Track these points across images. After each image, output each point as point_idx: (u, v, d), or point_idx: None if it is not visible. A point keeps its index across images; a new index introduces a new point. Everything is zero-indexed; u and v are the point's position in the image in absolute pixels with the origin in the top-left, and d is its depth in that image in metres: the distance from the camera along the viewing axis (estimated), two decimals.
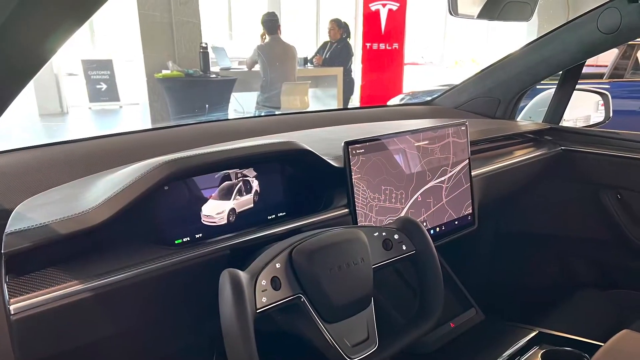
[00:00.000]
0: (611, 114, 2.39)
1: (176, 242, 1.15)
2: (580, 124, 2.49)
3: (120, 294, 0.99)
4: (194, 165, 1.09)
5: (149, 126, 7.05)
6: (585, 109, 2.48)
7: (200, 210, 1.18)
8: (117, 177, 1.08)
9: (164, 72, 7.28)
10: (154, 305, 1.10)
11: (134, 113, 10.60)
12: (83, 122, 10.39)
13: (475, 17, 1.74)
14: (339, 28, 7.95)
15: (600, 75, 6.70)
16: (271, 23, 6.84)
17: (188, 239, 1.16)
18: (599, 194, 2.12)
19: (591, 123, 2.48)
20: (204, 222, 1.18)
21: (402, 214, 1.49)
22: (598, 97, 2.43)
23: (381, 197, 1.44)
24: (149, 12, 7.30)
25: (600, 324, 1.93)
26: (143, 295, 1.05)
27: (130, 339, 1.14)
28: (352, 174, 1.36)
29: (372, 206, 1.42)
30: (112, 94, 10.84)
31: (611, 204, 2.09)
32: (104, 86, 10.70)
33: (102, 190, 1.04)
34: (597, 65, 7.01)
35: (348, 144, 1.35)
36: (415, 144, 1.53)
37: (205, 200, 1.18)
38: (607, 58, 6.73)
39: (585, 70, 2.22)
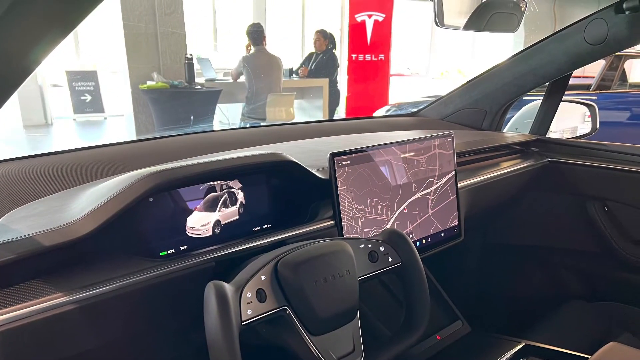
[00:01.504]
0: (598, 126, 2.40)
1: (161, 254, 1.14)
2: (567, 136, 2.49)
3: (105, 306, 0.98)
4: (179, 177, 1.08)
5: (134, 138, 7.02)
6: (572, 121, 2.48)
7: (185, 222, 1.17)
8: (101, 189, 1.07)
9: (149, 83, 7.26)
10: (139, 317, 1.09)
11: (118, 124, 10.55)
12: (67, 133, 10.34)
13: (461, 28, 1.74)
14: (325, 39, 7.95)
15: (587, 87, 6.73)
16: (256, 34, 6.86)
17: (173, 250, 1.15)
18: (586, 205, 2.12)
19: (578, 134, 2.48)
20: (188, 234, 1.17)
21: (388, 226, 1.49)
22: (585, 109, 2.44)
23: (367, 209, 1.44)
24: (134, 23, 7.29)
25: (587, 336, 1.93)
26: (128, 307, 1.04)
27: (116, 351, 1.13)
28: (338, 185, 1.36)
29: (358, 218, 1.41)
30: (96, 106, 10.80)
31: (598, 216, 2.09)
32: (88, 97, 10.66)
33: (86, 202, 1.04)
34: (584, 77, 7.05)
35: (333, 155, 1.35)
36: (401, 156, 1.53)
37: (190, 212, 1.17)
38: (594, 69, 6.76)
39: (572, 81, 2.23)
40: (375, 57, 8.09)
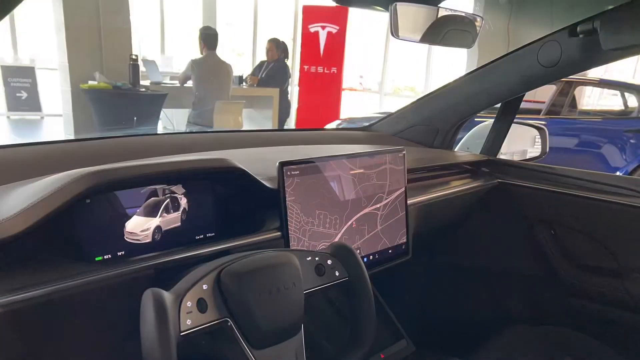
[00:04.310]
0: (547, 149, 2.41)
1: (97, 259, 1.08)
2: (516, 158, 2.50)
3: (34, 311, 0.92)
4: (118, 178, 1.03)
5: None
6: (522, 143, 2.50)
7: (124, 226, 1.12)
8: (34, 188, 1.01)
9: (90, 82, 7.08)
10: (71, 325, 1.03)
11: (56, 124, 10.29)
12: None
13: (417, 41, 1.73)
14: (277, 48, 7.88)
15: (537, 111, 6.84)
16: (211, 37, 6.73)
17: (109, 256, 1.10)
18: (534, 228, 2.12)
19: (528, 157, 2.49)
20: (127, 240, 1.12)
21: (336, 240, 1.46)
22: (535, 132, 2.44)
23: (315, 222, 1.40)
24: (76, 17, 7.08)
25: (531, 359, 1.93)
26: (59, 314, 0.98)
27: None
28: (286, 196, 1.33)
29: (306, 230, 1.38)
30: (33, 104, 10.51)
31: (544, 239, 2.09)
32: (24, 94, 10.37)
33: (17, 200, 0.98)
34: (535, 101, 7.18)
35: (283, 164, 1.32)
36: (352, 169, 1.50)
37: (130, 216, 1.12)
38: (545, 94, 6.89)
39: (523, 105, 2.23)
40: (328, 70, 8.12)
